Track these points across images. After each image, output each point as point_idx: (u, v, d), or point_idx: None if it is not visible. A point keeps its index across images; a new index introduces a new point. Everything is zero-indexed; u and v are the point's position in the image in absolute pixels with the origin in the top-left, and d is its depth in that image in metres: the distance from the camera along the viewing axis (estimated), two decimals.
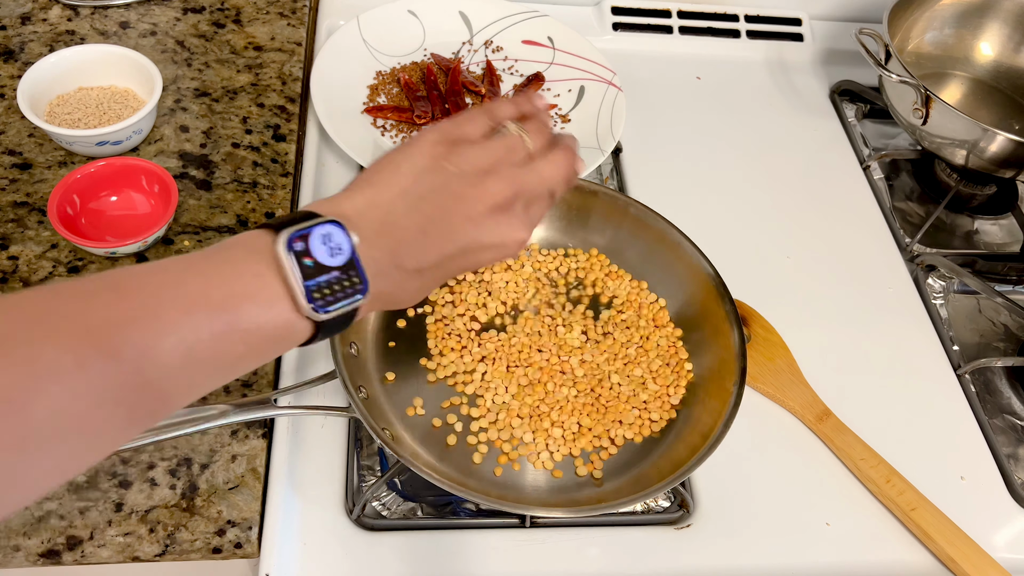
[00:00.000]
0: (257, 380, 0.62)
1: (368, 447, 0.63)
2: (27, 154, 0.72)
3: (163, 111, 0.77)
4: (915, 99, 0.81)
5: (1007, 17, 0.93)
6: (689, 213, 0.72)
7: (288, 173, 0.75)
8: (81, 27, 0.82)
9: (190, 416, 0.53)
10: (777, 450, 0.67)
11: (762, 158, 0.89)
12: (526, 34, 0.92)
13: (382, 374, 0.63)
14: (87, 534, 0.54)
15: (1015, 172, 0.82)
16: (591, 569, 0.59)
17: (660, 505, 0.63)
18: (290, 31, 0.86)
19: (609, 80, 0.88)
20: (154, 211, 0.69)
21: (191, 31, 0.84)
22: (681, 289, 0.69)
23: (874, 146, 0.94)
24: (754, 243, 0.80)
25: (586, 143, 0.83)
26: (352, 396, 0.56)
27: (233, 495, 0.56)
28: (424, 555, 0.58)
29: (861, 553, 0.62)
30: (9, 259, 0.65)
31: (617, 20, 0.98)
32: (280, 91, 0.81)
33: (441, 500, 0.61)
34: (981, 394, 0.73)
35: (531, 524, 0.60)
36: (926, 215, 0.87)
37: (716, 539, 0.61)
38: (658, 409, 0.64)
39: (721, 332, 0.64)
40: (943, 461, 0.68)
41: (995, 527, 0.65)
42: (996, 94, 0.94)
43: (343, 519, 0.59)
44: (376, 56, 0.88)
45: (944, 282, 0.81)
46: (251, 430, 0.59)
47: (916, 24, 0.93)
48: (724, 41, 1.00)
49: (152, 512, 0.55)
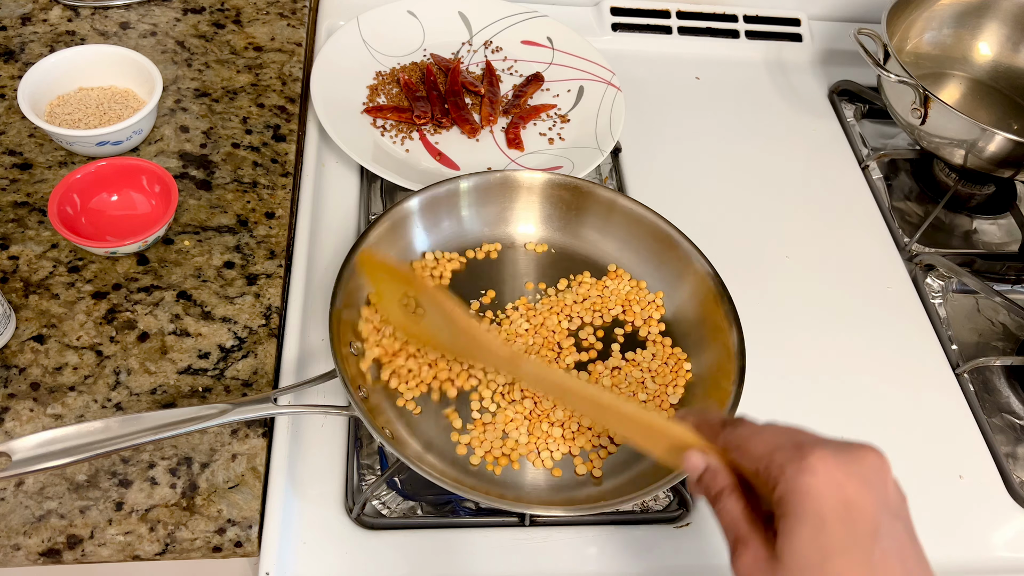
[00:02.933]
0: (257, 380, 0.62)
1: (368, 446, 0.63)
2: (27, 154, 0.72)
3: (163, 111, 0.77)
4: (914, 99, 0.81)
5: (1005, 17, 0.93)
6: (688, 213, 0.72)
7: (288, 173, 0.75)
8: (81, 27, 0.82)
9: (190, 415, 0.53)
10: None
11: (761, 158, 0.89)
12: (525, 34, 0.92)
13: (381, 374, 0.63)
14: (87, 533, 0.54)
15: (1013, 172, 0.82)
16: (591, 567, 0.59)
17: (660, 503, 0.63)
18: (290, 31, 0.86)
19: (608, 80, 0.88)
20: (154, 211, 0.69)
21: (191, 31, 0.84)
22: (680, 288, 0.69)
23: (873, 146, 0.94)
24: (753, 242, 0.80)
25: (585, 143, 0.83)
26: (352, 395, 0.56)
27: (233, 494, 0.57)
28: (424, 554, 0.58)
29: None
30: (9, 259, 0.65)
31: (616, 20, 0.99)
32: (280, 91, 0.81)
33: (441, 499, 0.61)
34: (980, 393, 0.73)
35: (531, 523, 0.60)
36: (925, 215, 0.88)
37: (715, 537, 0.61)
38: (656, 408, 0.64)
39: (720, 331, 0.64)
40: (942, 460, 0.68)
41: (994, 526, 0.65)
42: (994, 94, 0.94)
43: (343, 518, 0.59)
44: (376, 56, 0.88)
45: (943, 281, 0.81)
46: (251, 429, 0.60)
47: (915, 24, 0.93)
48: (723, 41, 1.00)
49: (152, 511, 0.55)
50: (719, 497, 0.43)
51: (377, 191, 0.80)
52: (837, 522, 0.38)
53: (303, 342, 0.66)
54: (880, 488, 0.39)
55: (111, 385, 0.60)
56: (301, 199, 0.75)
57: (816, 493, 0.38)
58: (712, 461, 0.44)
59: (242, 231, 0.70)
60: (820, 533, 0.38)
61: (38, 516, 0.54)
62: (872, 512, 0.38)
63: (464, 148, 0.82)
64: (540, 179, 0.71)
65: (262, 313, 0.65)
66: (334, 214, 0.76)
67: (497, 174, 0.71)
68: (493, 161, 0.81)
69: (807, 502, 0.38)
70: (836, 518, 0.38)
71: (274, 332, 0.65)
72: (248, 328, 0.64)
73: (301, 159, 0.79)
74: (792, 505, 0.38)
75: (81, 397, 0.59)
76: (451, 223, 0.71)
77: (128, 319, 0.63)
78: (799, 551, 0.38)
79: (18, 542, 0.53)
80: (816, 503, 0.38)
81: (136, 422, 0.52)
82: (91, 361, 0.61)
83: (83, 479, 0.56)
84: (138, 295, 0.65)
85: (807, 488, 0.38)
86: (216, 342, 0.63)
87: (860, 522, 0.38)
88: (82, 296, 0.64)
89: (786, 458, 0.39)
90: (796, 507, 0.38)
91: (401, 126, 0.83)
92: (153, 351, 0.62)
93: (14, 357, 0.61)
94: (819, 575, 0.37)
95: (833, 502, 0.38)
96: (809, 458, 0.38)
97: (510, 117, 0.85)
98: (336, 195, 0.78)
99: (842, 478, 0.38)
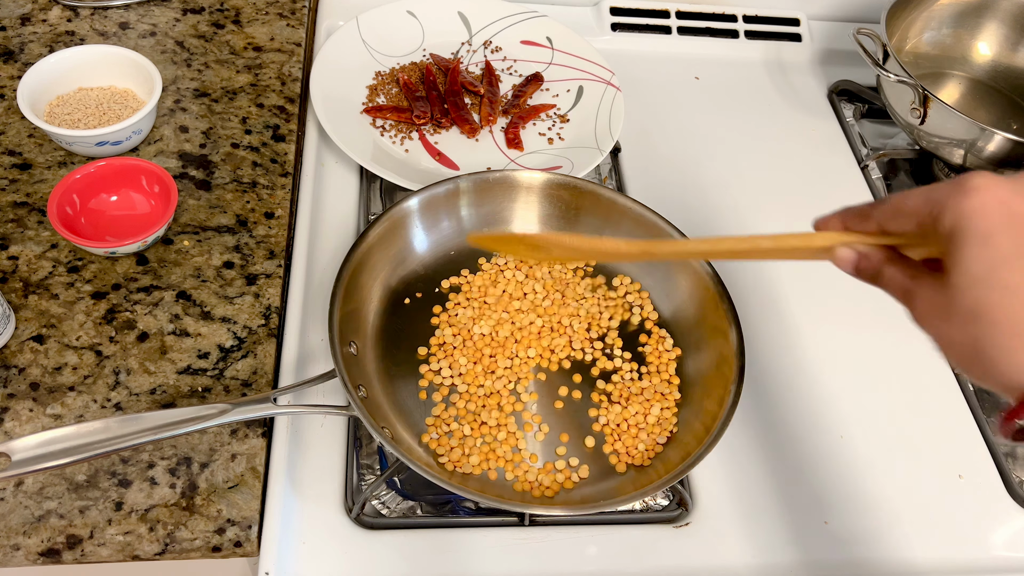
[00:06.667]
0: (257, 379, 0.62)
1: (367, 446, 0.63)
2: (27, 154, 0.72)
3: (163, 111, 0.77)
4: (913, 99, 0.81)
5: (1005, 17, 0.93)
6: (687, 212, 0.72)
7: (288, 173, 0.75)
8: (81, 28, 0.82)
9: (190, 415, 0.53)
10: (776, 448, 0.67)
11: (760, 158, 0.89)
12: (525, 34, 0.92)
13: (381, 373, 0.63)
14: (87, 533, 0.54)
15: (1013, 171, 0.82)
16: (590, 567, 0.59)
17: (659, 503, 0.63)
18: (289, 31, 0.86)
19: (608, 80, 0.88)
20: (154, 211, 0.69)
21: (190, 32, 0.84)
22: (679, 289, 0.69)
23: (872, 146, 0.94)
24: None
25: (585, 143, 0.83)
26: (351, 395, 0.56)
27: (233, 494, 0.57)
28: (423, 553, 0.58)
29: (859, 551, 0.62)
30: (9, 259, 0.65)
31: (616, 20, 0.99)
32: (279, 91, 0.81)
33: (440, 499, 0.61)
34: (979, 392, 0.73)
35: (530, 522, 0.60)
36: None
37: (715, 537, 0.61)
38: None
39: (720, 331, 0.64)
40: (941, 459, 0.68)
41: (993, 526, 0.65)
42: (994, 94, 0.94)
43: (342, 518, 0.59)
44: (375, 56, 0.88)
45: None
46: (251, 429, 0.60)
47: (914, 24, 0.93)
48: (722, 41, 1.00)
49: (152, 511, 0.55)
50: (880, 275, 0.43)
51: (376, 191, 0.80)
52: (1003, 234, 0.37)
53: (303, 342, 0.66)
54: None
55: (111, 385, 0.60)
56: (301, 199, 0.75)
57: (980, 210, 0.37)
58: (860, 248, 0.44)
59: (241, 231, 0.70)
60: (986, 247, 0.37)
61: (38, 516, 0.54)
62: None
63: (464, 148, 0.82)
64: (539, 179, 0.71)
65: (262, 313, 0.65)
66: (334, 214, 0.76)
67: (496, 174, 0.71)
68: (493, 161, 0.81)
69: (972, 221, 0.37)
70: (1002, 230, 0.37)
71: (274, 332, 0.65)
72: (248, 328, 0.64)
73: (300, 159, 0.79)
74: (958, 229, 0.38)
75: (81, 397, 0.59)
76: (450, 223, 0.71)
77: (128, 319, 0.63)
78: (966, 268, 0.37)
79: (18, 542, 0.53)
80: (980, 220, 0.37)
81: (136, 422, 0.52)
82: (91, 361, 0.61)
83: (83, 479, 0.56)
84: (137, 295, 0.65)
85: (971, 208, 0.37)
86: (216, 342, 0.63)
87: None
88: (81, 296, 0.64)
89: (946, 192, 0.39)
90: (962, 229, 0.38)
91: (400, 126, 0.83)
92: (153, 351, 0.62)
93: (14, 357, 0.61)
94: (986, 288, 0.37)
95: (997, 217, 0.37)
96: (970, 182, 0.38)
97: (509, 117, 0.85)
98: (336, 195, 0.78)
99: (1006, 195, 0.38)
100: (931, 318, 0.40)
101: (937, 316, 0.40)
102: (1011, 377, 0.38)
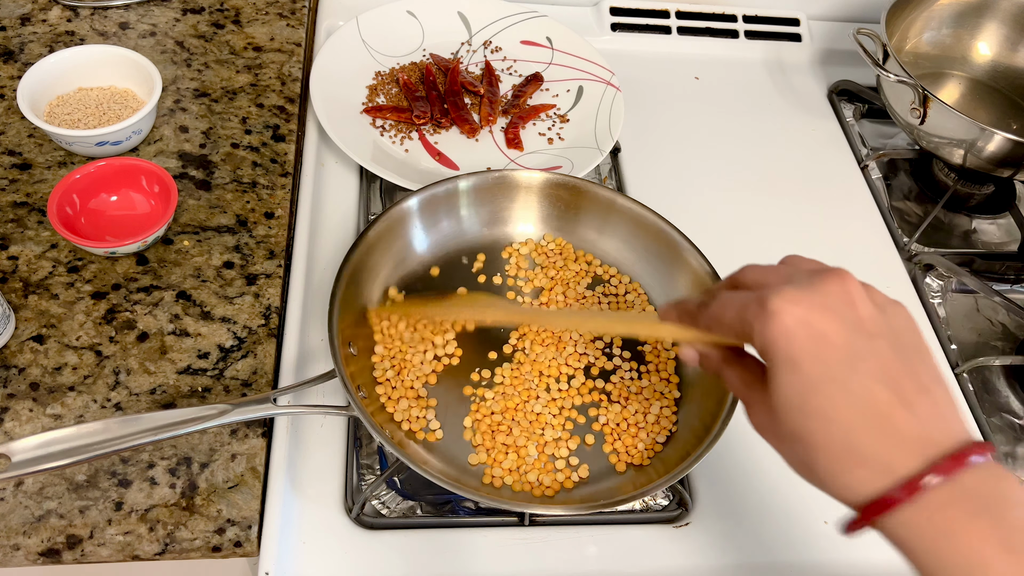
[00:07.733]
0: (257, 380, 0.62)
1: (367, 446, 0.63)
2: (27, 154, 0.72)
3: (163, 111, 0.77)
4: (913, 99, 0.81)
5: (1005, 17, 0.93)
6: (687, 213, 0.72)
7: (287, 173, 0.75)
8: (81, 28, 0.82)
9: (190, 416, 0.53)
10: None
11: (760, 158, 0.89)
12: (525, 34, 0.92)
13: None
14: (87, 533, 0.54)
15: (1013, 171, 0.82)
16: (590, 567, 0.59)
17: (659, 503, 0.63)
18: (289, 31, 0.86)
19: (607, 80, 0.88)
20: (154, 211, 0.69)
21: (190, 32, 0.84)
22: (679, 288, 0.69)
23: (872, 146, 0.94)
24: (752, 242, 0.80)
25: (584, 143, 0.83)
26: (351, 395, 0.56)
27: (233, 494, 0.57)
28: (423, 553, 0.58)
29: (859, 551, 0.62)
30: (9, 259, 0.65)
31: (615, 20, 0.99)
32: (279, 91, 0.81)
33: (440, 498, 0.61)
34: (979, 393, 0.73)
35: (530, 522, 0.60)
36: (924, 214, 0.88)
37: (715, 537, 0.61)
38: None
39: None
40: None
41: None
42: (994, 94, 0.94)
43: (342, 518, 0.59)
44: (375, 56, 0.88)
45: (942, 281, 0.81)
46: (251, 429, 0.60)
47: (914, 24, 0.93)
48: (722, 41, 1.00)
49: (152, 511, 0.55)
50: (720, 374, 0.44)
51: (376, 191, 0.80)
52: (809, 360, 0.37)
53: (302, 342, 0.66)
54: (847, 312, 0.38)
55: (110, 385, 0.60)
56: (300, 199, 0.75)
57: (783, 336, 0.37)
58: (700, 347, 0.45)
59: (241, 231, 0.70)
60: (795, 374, 0.37)
61: (38, 516, 0.54)
62: (842, 340, 0.37)
63: (463, 148, 0.82)
64: (539, 179, 0.71)
65: (261, 313, 0.65)
66: (333, 214, 0.76)
67: (496, 174, 0.71)
68: (492, 161, 0.81)
69: (778, 348, 0.38)
70: (806, 356, 0.37)
71: (273, 332, 0.65)
72: (247, 328, 0.64)
73: (300, 159, 0.79)
74: (768, 354, 0.38)
75: (80, 397, 0.59)
76: (450, 223, 0.71)
77: (127, 319, 0.63)
78: (782, 396, 0.38)
79: (18, 542, 0.53)
80: (786, 346, 0.37)
81: (136, 423, 0.52)
82: (90, 361, 0.61)
83: (83, 479, 0.56)
84: (137, 295, 0.65)
85: (775, 334, 0.38)
86: (215, 342, 0.63)
87: (831, 353, 0.37)
88: (81, 296, 0.64)
89: (752, 314, 0.39)
90: (771, 355, 0.38)
91: (400, 126, 0.83)
92: (152, 351, 0.62)
93: (13, 357, 0.61)
94: (802, 415, 0.37)
95: (801, 341, 0.37)
96: (769, 306, 0.38)
97: (509, 117, 0.85)
98: (335, 195, 0.78)
99: (804, 314, 0.37)
100: (764, 432, 0.42)
101: (768, 432, 0.41)
102: (842, 496, 0.38)
